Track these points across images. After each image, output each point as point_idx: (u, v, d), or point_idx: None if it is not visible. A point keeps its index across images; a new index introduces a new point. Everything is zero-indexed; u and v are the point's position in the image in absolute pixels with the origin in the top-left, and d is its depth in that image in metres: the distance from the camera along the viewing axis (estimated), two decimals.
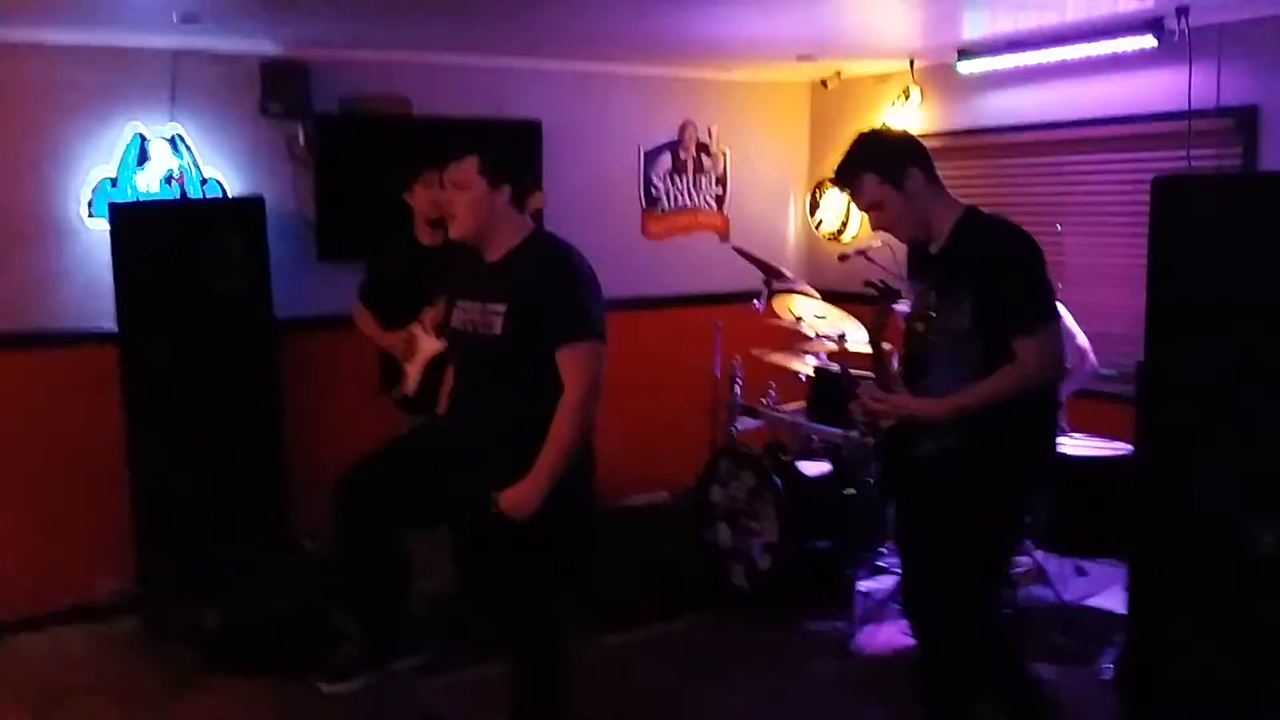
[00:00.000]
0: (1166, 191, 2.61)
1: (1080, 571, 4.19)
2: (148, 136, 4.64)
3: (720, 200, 6.11)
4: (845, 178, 2.96)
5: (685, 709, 3.75)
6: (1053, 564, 4.17)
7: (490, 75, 5.30)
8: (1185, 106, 4.29)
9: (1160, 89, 4.42)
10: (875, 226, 3.00)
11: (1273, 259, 2.48)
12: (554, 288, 2.90)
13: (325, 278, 4.86)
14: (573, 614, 3.16)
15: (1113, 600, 4.06)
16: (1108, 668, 3.65)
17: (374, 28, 4.50)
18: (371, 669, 3.56)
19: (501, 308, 2.91)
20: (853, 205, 3.18)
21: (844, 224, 6.02)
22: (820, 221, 6.19)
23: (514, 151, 3.27)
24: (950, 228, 2.90)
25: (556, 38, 4.80)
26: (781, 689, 3.84)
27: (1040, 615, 4.12)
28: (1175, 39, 4.16)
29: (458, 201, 2.97)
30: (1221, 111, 4.22)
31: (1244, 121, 4.17)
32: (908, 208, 2.89)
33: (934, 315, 2.87)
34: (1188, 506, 2.70)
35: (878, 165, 2.90)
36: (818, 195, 6.20)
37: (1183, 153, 4.30)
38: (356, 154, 4.96)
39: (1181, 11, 4.04)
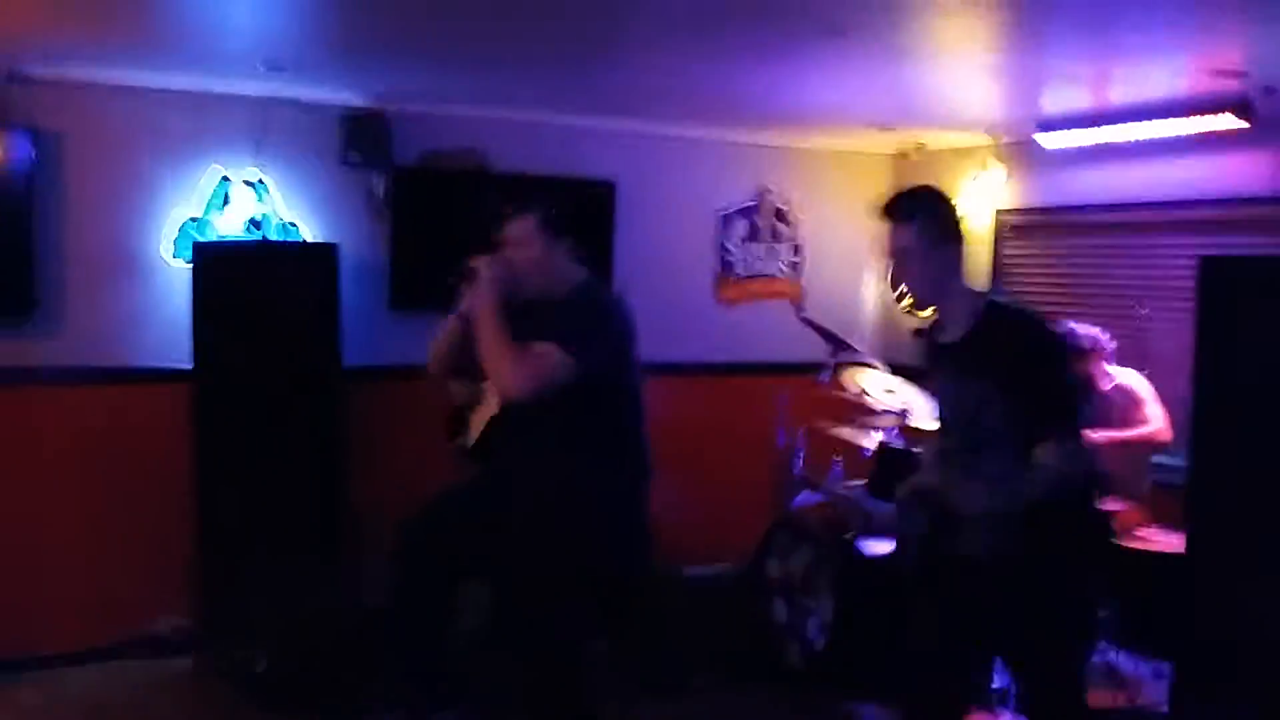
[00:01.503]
0: (1213, 272, 2.48)
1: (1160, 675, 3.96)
2: (231, 180, 4.77)
3: (796, 268, 6.06)
4: (893, 212, 2.89)
5: None
6: (1130, 664, 3.97)
7: (566, 132, 5.35)
8: (1275, 191, 4.13)
9: (1248, 171, 4.27)
10: (893, 276, 2.93)
11: None
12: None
13: (396, 326, 4.91)
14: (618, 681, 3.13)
15: None
16: None
17: (453, 82, 4.58)
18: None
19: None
20: None
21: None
22: (900, 294, 6.08)
23: (569, 206, 3.39)
24: (970, 313, 2.79)
25: (632, 97, 4.82)
26: None
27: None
28: (1264, 120, 4.02)
29: (519, 258, 3.08)
30: None
31: None
32: (931, 270, 2.81)
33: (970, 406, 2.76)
34: (1234, 605, 2.52)
35: (929, 215, 2.84)
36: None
37: (1272, 239, 4.13)
38: (431, 206, 5.03)
39: (1270, 92, 3.91)
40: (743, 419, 5.55)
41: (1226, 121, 4.10)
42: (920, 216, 2.83)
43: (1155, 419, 4.25)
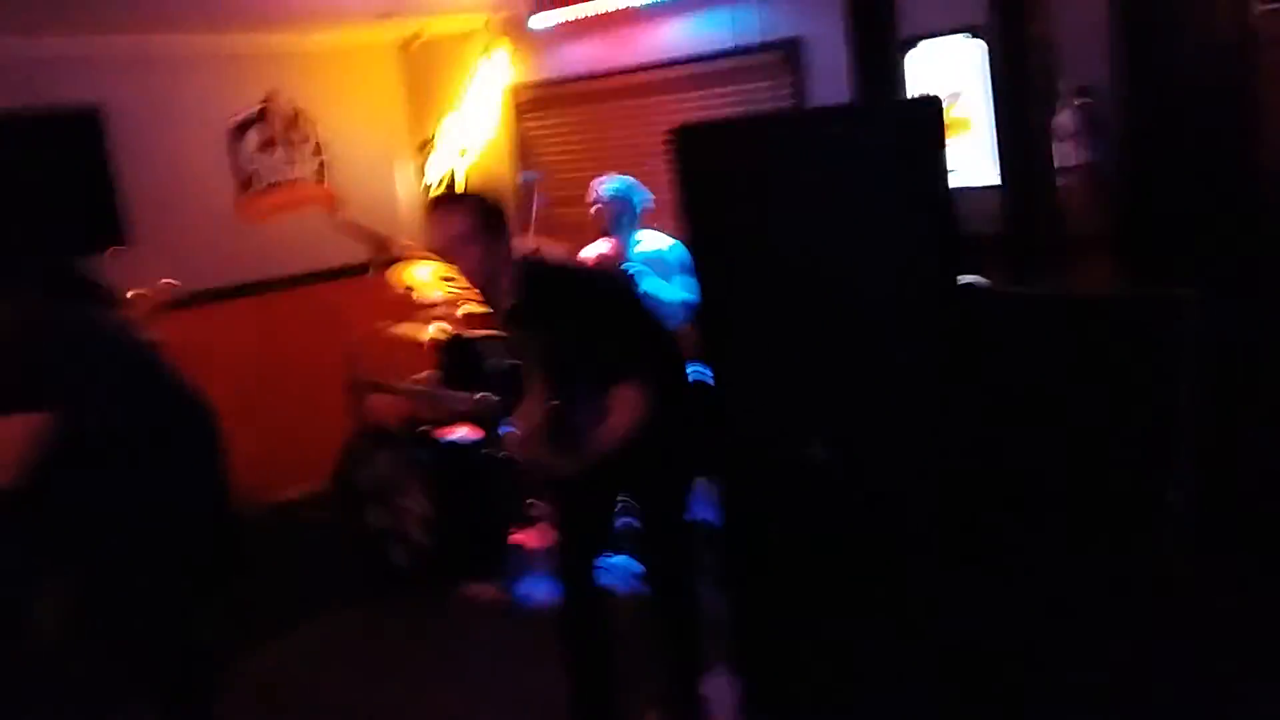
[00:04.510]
0: (685, 140, 2.82)
1: None
2: None
3: (320, 171, 5.89)
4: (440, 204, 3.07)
5: (352, 710, 3.64)
6: None
7: (35, 58, 4.75)
8: (735, 45, 4.63)
9: (713, 29, 4.73)
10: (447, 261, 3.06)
11: (786, 194, 2.72)
12: None
13: None
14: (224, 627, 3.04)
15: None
16: None
17: None
18: None
19: None
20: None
21: (451, 181, 6.01)
22: (430, 184, 6.14)
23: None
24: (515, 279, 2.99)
25: (112, 9, 4.36)
26: (450, 669, 3.81)
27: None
28: None
29: None
30: (767, 46, 4.59)
31: (788, 55, 4.57)
32: (480, 254, 2.94)
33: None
34: (759, 427, 2.97)
35: (475, 205, 2.97)
36: (424, 157, 6.14)
37: (740, 88, 4.66)
38: None
39: None
40: (303, 334, 5.42)
41: None
42: (465, 206, 2.95)
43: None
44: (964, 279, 2.98)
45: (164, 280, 4.01)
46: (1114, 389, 2.71)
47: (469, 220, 2.89)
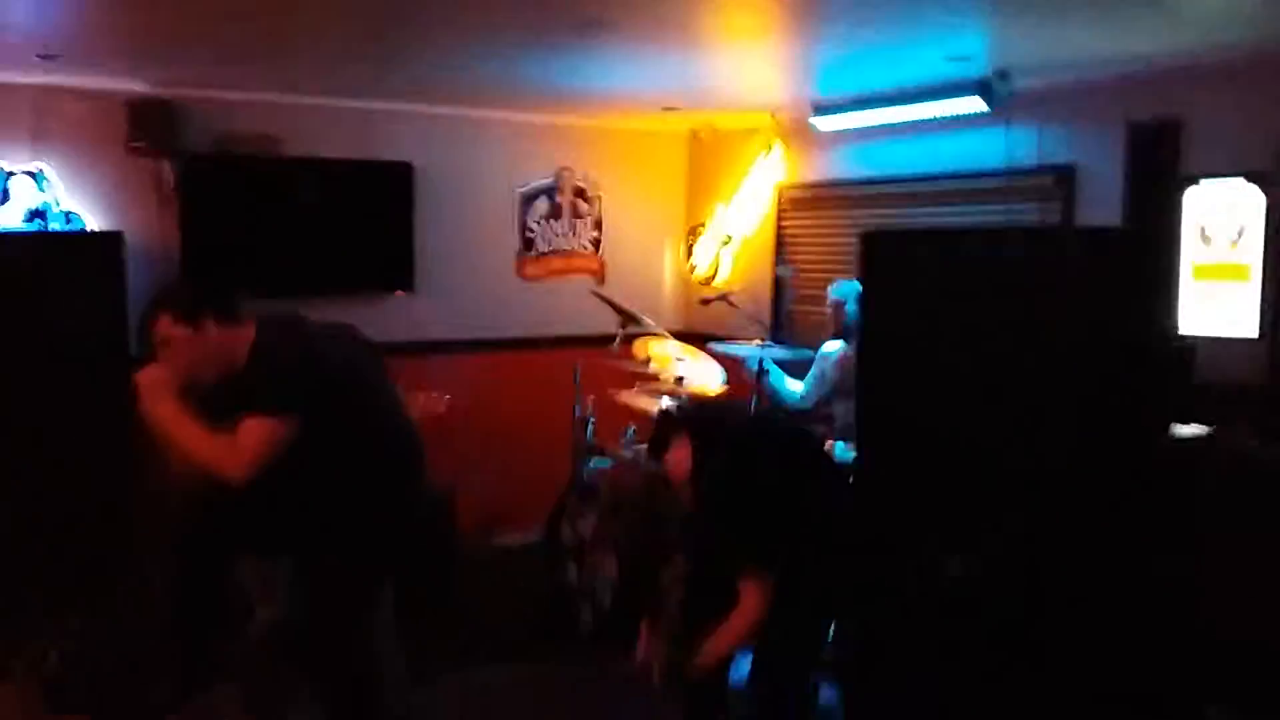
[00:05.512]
0: (872, 244, 2.80)
1: None
2: (11, 172, 4.68)
3: (596, 244, 6.26)
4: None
5: None
6: None
7: (361, 116, 5.42)
8: (1009, 165, 4.53)
9: (989, 147, 4.66)
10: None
11: (963, 307, 2.64)
12: None
13: None
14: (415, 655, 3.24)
15: None
16: None
17: (242, 69, 4.59)
18: (187, 703, 3.59)
19: None
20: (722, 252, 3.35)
21: (715, 270, 6.20)
22: (694, 267, 6.37)
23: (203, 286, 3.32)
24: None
25: (424, 83, 4.93)
26: None
27: None
28: (999, 101, 4.40)
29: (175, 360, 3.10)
30: (1042, 169, 4.46)
31: (1062, 179, 4.41)
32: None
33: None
34: (895, 532, 2.86)
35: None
36: (692, 241, 6.39)
37: (1008, 207, 4.53)
38: (224, 192, 5.04)
39: (1002, 76, 4.28)
40: (547, 392, 5.73)
41: (970, 104, 4.47)
42: (684, 433, 3.21)
43: None
44: (1185, 429, 2.76)
45: (445, 396, 4.48)
46: None
47: (687, 449, 3.14)
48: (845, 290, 4.51)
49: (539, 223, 6.07)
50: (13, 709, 3.97)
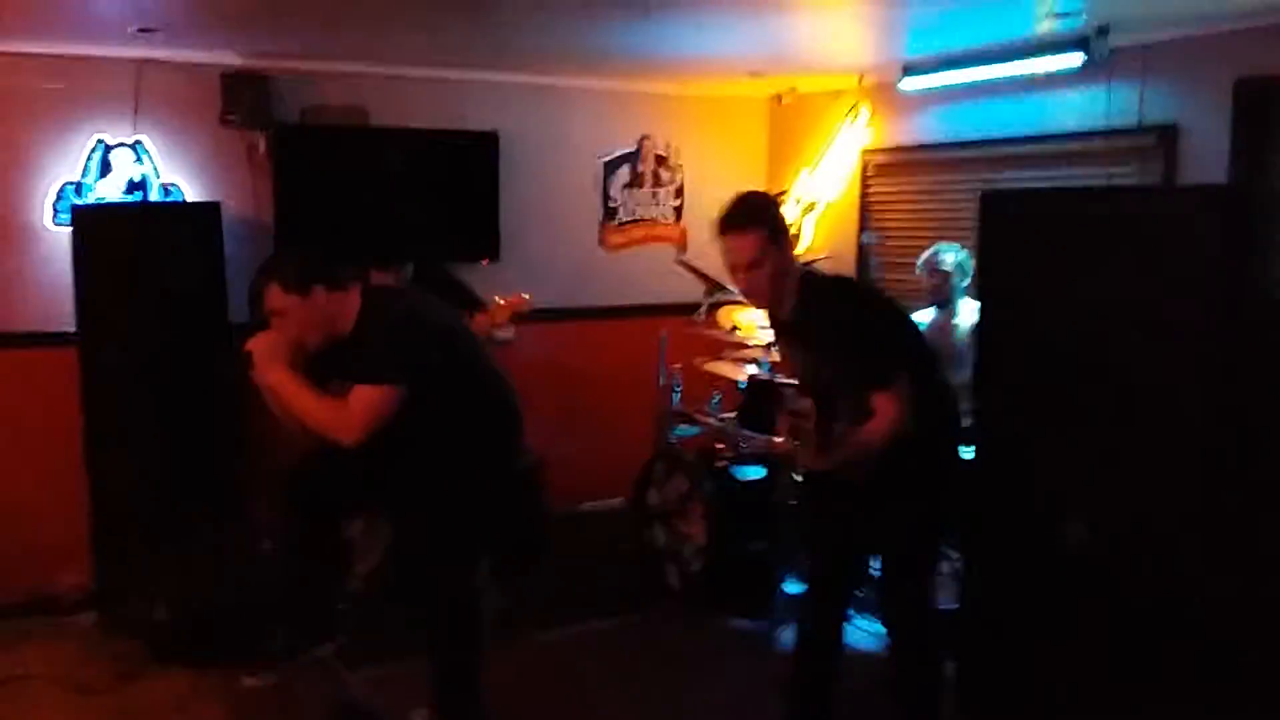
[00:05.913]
0: (990, 205, 2.72)
1: None
2: (111, 144, 4.80)
3: (678, 212, 6.25)
4: (732, 224, 3.05)
5: (605, 704, 3.85)
6: None
7: (448, 87, 5.46)
8: (1109, 124, 4.41)
9: (1086, 107, 4.54)
10: (744, 286, 3.10)
11: (1087, 267, 2.57)
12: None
13: None
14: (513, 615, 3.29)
15: None
16: None
17: (332, 40, 4.65)
18: (295, 657, 3.71)
19: None
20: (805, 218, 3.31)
21: (797, 236, 6.15)
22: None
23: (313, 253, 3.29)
24: (794, 292, 3.05)
25: (510, 51, 4.95)
26: (702, 686, 3.94)
27: None
28: (1099, 58, 4.29)
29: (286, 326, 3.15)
30: (1143, 129, 4.34)
31: (1164, 139, 4.28)
32: (771, 271, 3.02)
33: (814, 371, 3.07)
34: (1015, 505, 2.80)
35: (766, 223, 3.03)
36: None
37: (1106, 170, 4.42)
38: (315, 162, 5.12)
39: (1102, 31, 4.17)
40: (633, 359, 5.75)
41: (1067, 61, 4.35)
42: (757, 225, 3.03)
43: None
44: None
45: (523, 294, 4.56)
46: None
47: (760, 242, 2.98)
48: (962, 258, 4.49)
49: (621, 191, 6.08)
50: (127, 660, 4.12)
